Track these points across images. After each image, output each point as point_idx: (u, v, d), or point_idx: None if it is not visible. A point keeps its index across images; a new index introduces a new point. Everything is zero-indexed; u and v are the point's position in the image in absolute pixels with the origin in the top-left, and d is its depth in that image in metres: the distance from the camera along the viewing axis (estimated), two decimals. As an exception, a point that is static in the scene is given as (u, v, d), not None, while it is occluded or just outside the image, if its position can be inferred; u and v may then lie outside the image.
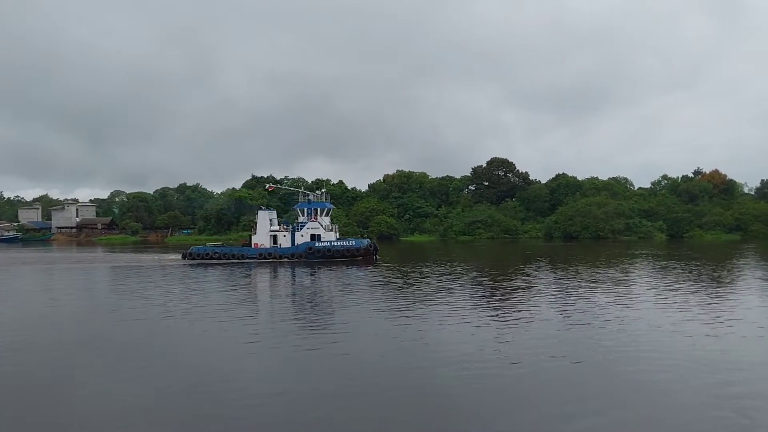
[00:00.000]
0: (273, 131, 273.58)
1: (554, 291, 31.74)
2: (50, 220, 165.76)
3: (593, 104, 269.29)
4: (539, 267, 47.23)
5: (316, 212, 60.76)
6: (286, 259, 56.95)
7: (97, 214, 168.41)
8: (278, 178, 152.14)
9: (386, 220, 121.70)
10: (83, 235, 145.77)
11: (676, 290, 31.43)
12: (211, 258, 57.73)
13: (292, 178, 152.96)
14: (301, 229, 59.55)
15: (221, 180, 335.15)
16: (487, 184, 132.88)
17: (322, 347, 18.53)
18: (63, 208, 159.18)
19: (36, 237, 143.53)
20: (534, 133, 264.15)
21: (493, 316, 24.32)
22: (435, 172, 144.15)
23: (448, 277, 40.17)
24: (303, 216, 61.26)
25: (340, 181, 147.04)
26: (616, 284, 34.75)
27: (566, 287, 33.31)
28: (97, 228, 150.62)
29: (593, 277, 38.60)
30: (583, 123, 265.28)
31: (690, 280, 36.34)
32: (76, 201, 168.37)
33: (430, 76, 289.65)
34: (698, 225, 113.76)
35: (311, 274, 43.95)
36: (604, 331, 20.58)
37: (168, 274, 44.88)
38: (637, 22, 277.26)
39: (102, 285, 39.75)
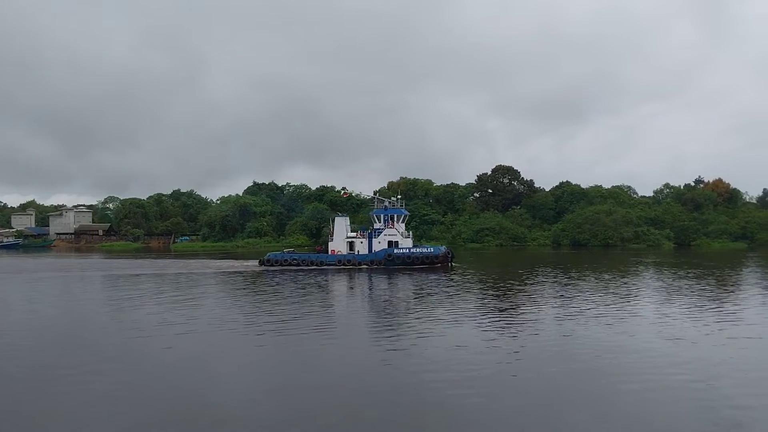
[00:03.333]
0: (257, 137, 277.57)
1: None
2: (45, 226, 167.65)
3: (578, 112, 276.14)
4: (583, 275, 50.05)
5: (393, 219, 61.93)
6: (364, 266, 57.92)
7: (92, 220, 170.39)
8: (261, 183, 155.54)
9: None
10: (83, 241, 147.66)
11: (697, 300, 32.61)
12: (290, 264, 59.26)
13: (295, 185, 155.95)
14: (378, 235, 60.61)
15: (205, 186, 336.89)
16: (491, 191, 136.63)
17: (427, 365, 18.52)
18: (61, 214, 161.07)
19: (36, 243, 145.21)
20: (518, 140, 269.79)
21: (593, 316, 27.08)
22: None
23: (530, 282, 43.08)
24: (379, 222, 62.33)
25: (344, 188, 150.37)
26: (650, 294, 37.14)
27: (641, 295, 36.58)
28: (97, 234, 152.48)
29: (635, 287, 41.84)
30: (568, 131, 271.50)
31: (708, 288, 38.21)
32: (75, 207, 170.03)
33: (417, 82, 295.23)
34: (704, 233, 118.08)
35: (395, 281, 45.34)
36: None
37: (262, 279, 47.07)
38: (624, 29, 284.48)
39: (221, 293, 38.88)
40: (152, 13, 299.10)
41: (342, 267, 57.79)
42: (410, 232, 64.83)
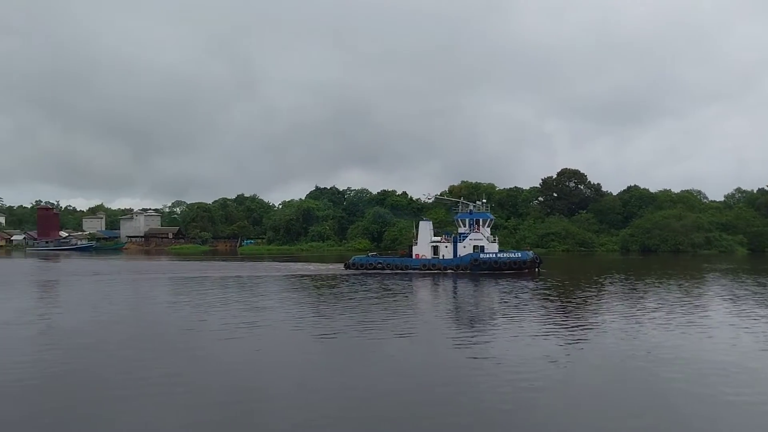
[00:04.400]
0: (312, 141, 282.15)
1: None
2: (115, 229, 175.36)
3: (638, 114, 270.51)
4: (662, 281, 49.94)
5: (478, 223, 61.22)
6: (450, 271, 57.67)
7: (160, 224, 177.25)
8: (323, 188, 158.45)
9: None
10: (153, 244, 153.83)
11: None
12: (374, 268, 59.79)
13: (356, 189, 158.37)
14: (463, 240, 60.07)
15: (263, 190, 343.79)
16: (556, 195, 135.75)
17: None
18: (131, 218, 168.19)
19: (108, 246, 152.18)
20: (576, 143, 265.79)
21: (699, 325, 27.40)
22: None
23: (614, 288, 43.25)
24: (464, 227, 61.78)
25: (404, 192, 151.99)
26: (740, 303, 37.01)
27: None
28: (167, 237, 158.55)
29: (719, 295, 41.49)
30: (627, 133, 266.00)
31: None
32: (144, 210, 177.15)
33: (471, 85, 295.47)
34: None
35: (481, 286, 45.31)
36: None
37: (348, 282, 48.13)
38: (684, 30, 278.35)
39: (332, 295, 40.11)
40: (212, 22, 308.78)
41: (427, 271, 57.75)
42: (496, 237, 64.17)
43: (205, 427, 13.37)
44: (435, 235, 63.15)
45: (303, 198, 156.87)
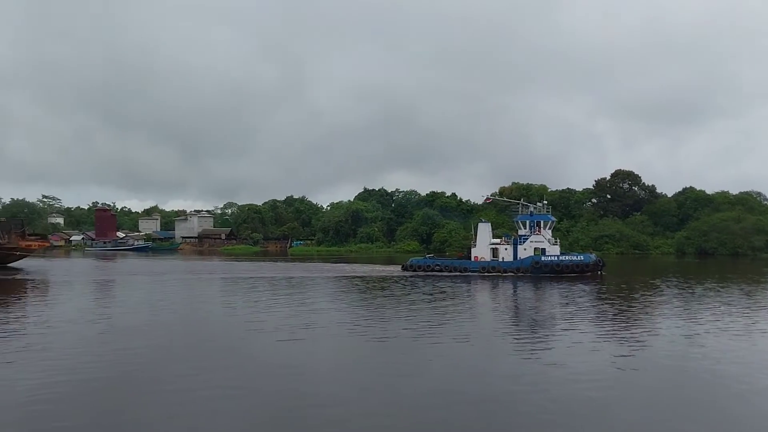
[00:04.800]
0: (358, 144, 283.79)
1: None
2: (169, 230, 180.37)
3: (691, 114, 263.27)
4: (725, 285, 49.00)
5: (539, 225, 60.31)
6: (510, 273, 56.91)
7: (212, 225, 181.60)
8: (371, 189, 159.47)
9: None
10: (206, 244, 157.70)
11: None
12: (432, 270, 59.11)
13: (405, 191, 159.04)
14: (523, 242, 59.08)
15: (310, 192, 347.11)
16: (610, 197, 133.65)
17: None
18: (186, 219, 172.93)
19: (164, 246, 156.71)
20: (627, 144, 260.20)
21: None
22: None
23: (677, 292, 42.53)
24: (524, 229, 60.67)
25: (453, 194, 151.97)
26: None
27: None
28: (220, 238, 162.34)
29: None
30: (680, 134, 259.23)
31: None
32: (197, 212, 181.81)
33: (518, 85, 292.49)
34: None
35: (543, 289, 44.66)
36: None
37: (406, 284, 48.21)
38: (737, 27, 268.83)
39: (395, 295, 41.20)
40: (261, 27, 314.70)
41: (486, 274, 57.20)
42: (557, 239, 62.83)
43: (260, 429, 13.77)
44: (494, 237, 62.43)
45: (351, 200, 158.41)
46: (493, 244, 60.41)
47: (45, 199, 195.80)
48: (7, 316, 30.19)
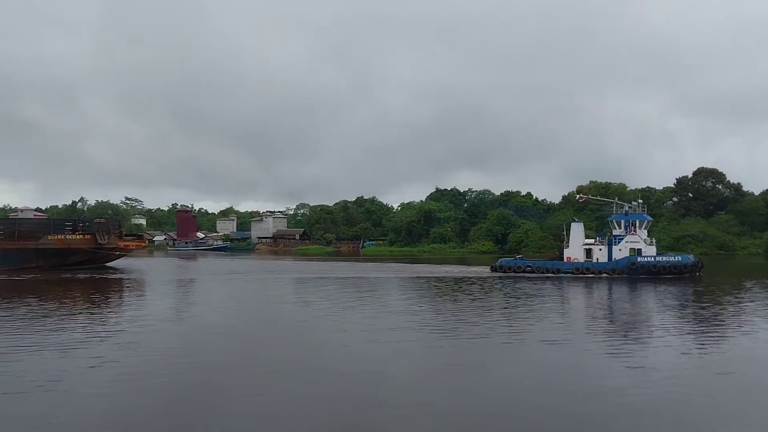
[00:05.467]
0: (424, 143, 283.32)
1: None
2: (244, 230, 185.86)
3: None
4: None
5: (635, 225, 59.26)
6: (604, 275, 55.98)
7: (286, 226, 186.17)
8: (443, 189, 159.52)
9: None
10: (281, 245, 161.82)
11: None
12: (523, 271, 58.51)
13: (478, 190, 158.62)
14: (618, 242, 57.99)
15: (378, 192, 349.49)
16: (692, 195, 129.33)
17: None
18: (261, 220, 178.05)
19: (241, 246, 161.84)
20: (705, 141, 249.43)
21: None
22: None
23: None
24: (619, 229, 59.59)
25: (528, 193, 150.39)
26: None
27: None
28: (294, 238, 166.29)
29: None
30: (760, 130, 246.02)
31: None
32: (272, 213, 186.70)
33: (590, 82, 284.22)
34: None
35: (639, 291, 43.90)
36: None
37: (494, 286, 48.21)
38: None
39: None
40: (330, 29, 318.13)
41: (580, 275, 56.24)
42: (653, 239, 61.41)
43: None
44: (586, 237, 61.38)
45: (422, 200, 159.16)
46: (587, 244, 59.36)
47: (128, 201, 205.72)
48: (114, 313, 32.62)
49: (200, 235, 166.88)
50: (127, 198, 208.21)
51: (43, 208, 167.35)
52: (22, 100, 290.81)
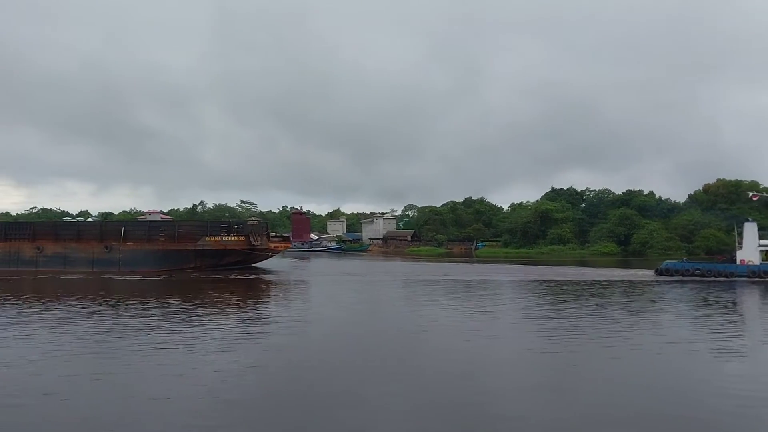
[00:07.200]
0: (529, 142, 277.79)
1: None
2: (353, 231, 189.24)
3: None
4: None
5: None
6: None
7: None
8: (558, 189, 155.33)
9: (715, 234, 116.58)
10: (392, 246, 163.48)
11: None
12: (692, 274, 56.38)
13: (597, 190, 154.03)
14: None
15: (482, 193, 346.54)
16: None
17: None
18: (372, 221, 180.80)
19: (354, 248, 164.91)
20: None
21: None
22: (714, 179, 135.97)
23: None
24: None
25: (651, 192, 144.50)
26: None
27: None
28: (405, 240, 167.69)
29: None
30: None
31: None
32: (382, 215, 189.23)
33: (708, 73, 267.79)
34: None
35: None
36: None
37: (659, 290, 46.52)
38: None
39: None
40: (433, 29, 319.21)
41: (757, 279, 53.44)
42: None
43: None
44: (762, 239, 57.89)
45: (532, 200, 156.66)
46: (763, 246, 56.33)
47: (243, 204, 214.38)
48: (263, 314, 33.98)
49: (314, 236, 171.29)
50: (242, 201, 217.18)
51: (165, 211, 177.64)
52: (139, 107, 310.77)
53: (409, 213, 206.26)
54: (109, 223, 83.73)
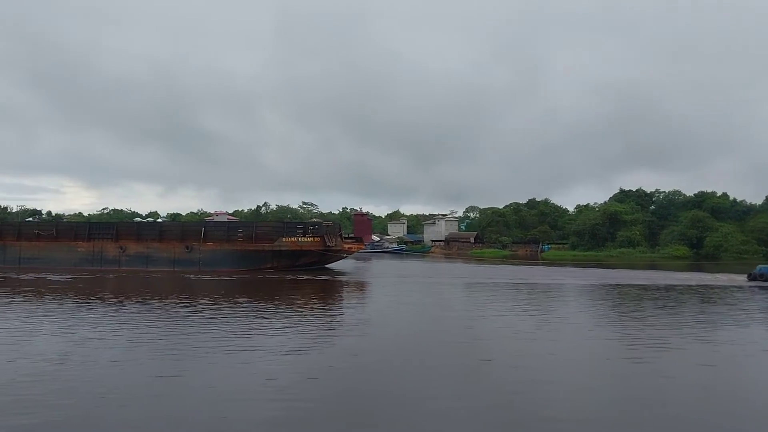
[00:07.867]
0: (594, 142, 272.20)
1: None
2: (413, 233, 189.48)
3: None
4: None
5: None
6: None
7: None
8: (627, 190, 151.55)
9: None
10: (455, 248, 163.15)
11: None
12: None
13: (667, 191, 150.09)
14: None
15: (544, 193, 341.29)
16: None
17: None
18: (434, 223, 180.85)
19: (416, 249, 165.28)
20: None
21: None
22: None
23: None
24: None
25: (724, 194, 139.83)
26: None
27: None
28: (468, 242, 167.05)
29: None
30: None
31: None
32: (444, 216, 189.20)
33: None
34: None
35: None
36: None
37: (751, 297, 43.56)
38: None
39: None
40: (495, 28, 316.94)
41: None
42: None
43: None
44: None
45: (600, 201, 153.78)
46: None
47: (305, 205, 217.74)
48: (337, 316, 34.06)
49: (375, 237, 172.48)
50: (303, 202, 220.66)
51: (230, 212, 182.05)
52: (204, 112, 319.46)
53: (470, 214, 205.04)
54: (190, 224, 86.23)
